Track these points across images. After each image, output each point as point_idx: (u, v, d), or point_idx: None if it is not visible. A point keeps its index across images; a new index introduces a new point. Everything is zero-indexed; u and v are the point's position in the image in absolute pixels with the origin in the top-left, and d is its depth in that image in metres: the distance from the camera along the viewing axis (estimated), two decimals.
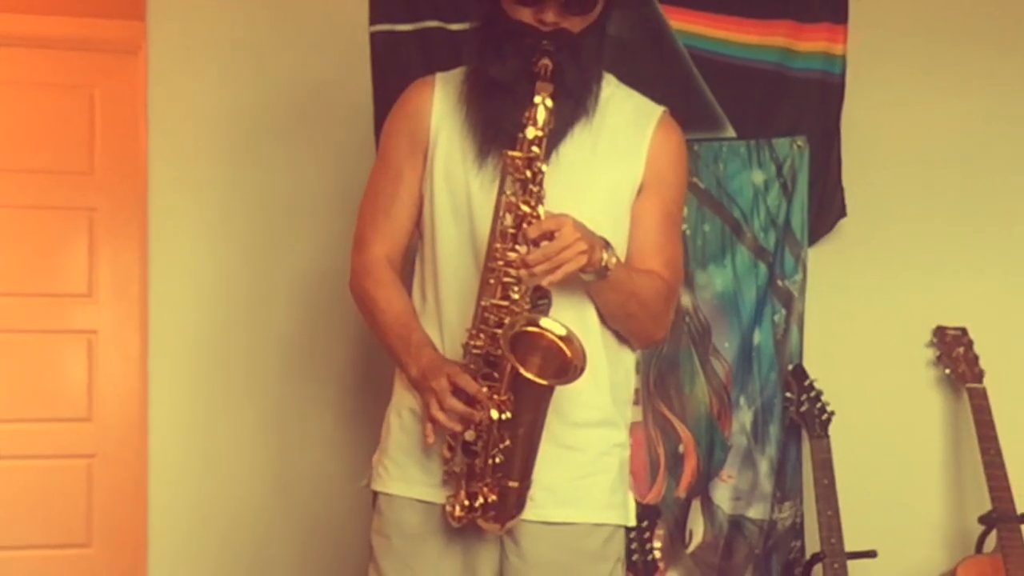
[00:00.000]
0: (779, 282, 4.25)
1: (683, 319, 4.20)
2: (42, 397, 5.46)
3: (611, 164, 2.97)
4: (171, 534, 3.90)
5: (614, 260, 2.81)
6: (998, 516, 4.18)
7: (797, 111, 4.34)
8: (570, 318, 2.82)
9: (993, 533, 4.21)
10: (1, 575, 5.33)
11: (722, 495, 4.19)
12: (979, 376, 4.34)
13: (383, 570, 2.99)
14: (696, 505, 4.18)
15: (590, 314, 2.93)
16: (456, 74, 3.03)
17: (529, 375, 2.70)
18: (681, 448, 4.18)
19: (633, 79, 4.12)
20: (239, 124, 3.93)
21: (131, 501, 5.04)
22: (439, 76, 3.07)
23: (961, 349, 4.39)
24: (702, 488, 4.18)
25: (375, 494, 3.04)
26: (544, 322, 2.77)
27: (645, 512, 3.90)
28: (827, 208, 4.37)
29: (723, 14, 4.29)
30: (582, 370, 2.72)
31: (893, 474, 4.41)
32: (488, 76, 2.90)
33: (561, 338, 2.76)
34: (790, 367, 4.23)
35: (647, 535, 3.87)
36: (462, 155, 2.95)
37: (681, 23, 4.26)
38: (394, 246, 3.06)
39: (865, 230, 4.39)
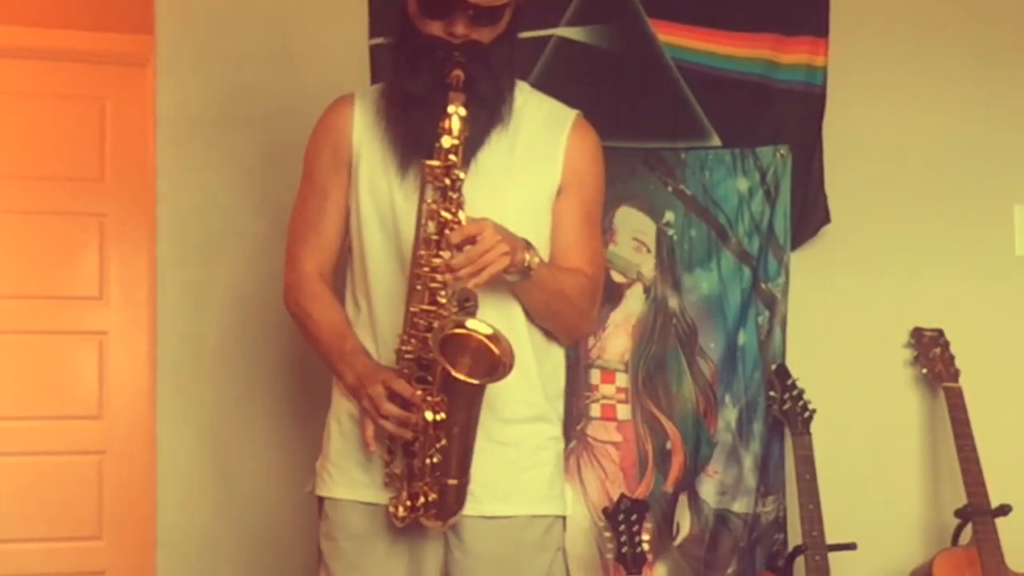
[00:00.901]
0: (763, 285, 4.27)
1: (671, 321, 4.21)
2: (54, 396, 5.51)
3: (529, 168, 2.98)
4: (179, 527, 3.91)
5: (536, 260, 2.84)
6: (973, 510, 4.18)
7: (780, 121, 4.33)
8: (496, 318, 2.83)
9: (968, 526, 4.20)
10: (16, 566, 5.37)
11: (708, 490, 4.19)
12: (955, 375, 4.35)
13: (333, 573, 2.99)
14: (683, 499, 4.18)
15: (516, 314, 2.95)
16: (374, 90, 3.06)
17: (460, 375, 2.72)
18: (669, 445, 4.19)
19: (623, 90, 4.20)
20: (244, 134, 3.94)
21: (140, 495, 5.08)
22: (358, 93, 3.09)
23: (938, 349, 4.40)
24: (689, 483, 4.19)
25: (320, 500, 3.04)
26: (471, 323, 2.79)
27: (634, 506, 3.90)
28: (810, 214, 4.36)
29: (709, 27, 4.29)
30: (511, 367, 2.75)
31: (872, 469, 4.39)
32: (404, 90, 2.91)
33: (488, 337, 2.78)
34: (773, 367, 4.23)
35: (636, 528, 3.87)
36: (384, 168, 2.96)
37: (669, 36, 4.27)
38: (325, 260, 3.07)
39: (845, 235, 4.38)
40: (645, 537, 3.87)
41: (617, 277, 4.18)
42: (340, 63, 3.99)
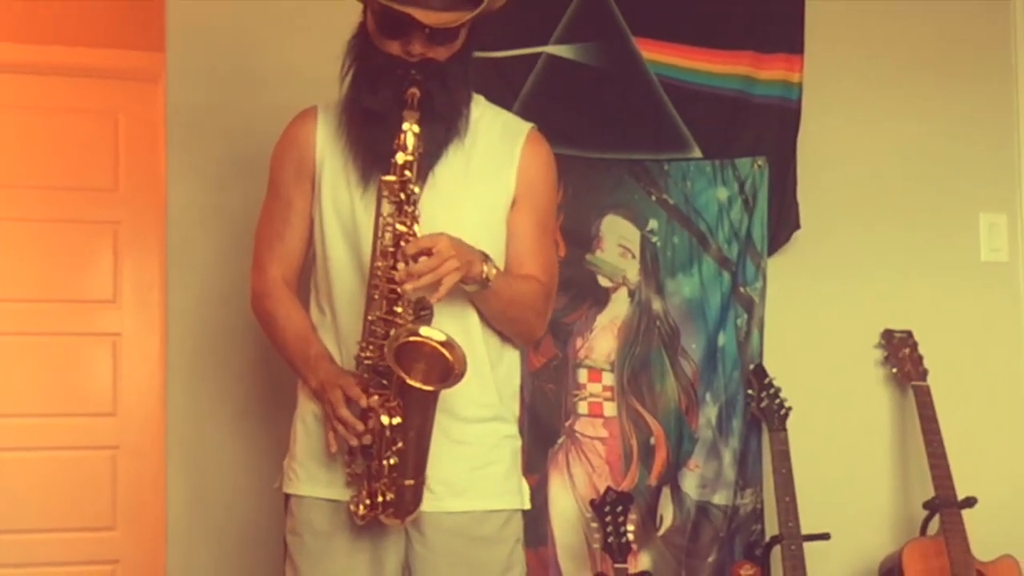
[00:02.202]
0: (741, 289, 4.27)
1: (654, 323, 4.22)
2: (71, 394, 5.52)
3: (484, 180, 2.97)
4: (187, 518, 3.91)
5: (494, 271, 2.84)
6: (941, 502, 4.19)
7: (757, 134, 4.34)
8: (452, 325, 2.83)
9: (936, 518, 4.22)
10: (35, 555, 5.39)
11: (689, 483, 4.19)
12: (923, 375, 4.36)
13: (299, 567, 2.97)
14: (666, 492, 4.18)
15: (471, 320, 2.94)
16: (336, 103, 3.04)
17: (414, 383, 2.71)
18: (652, 440, 4.19)
19: (609, 105, 4.21)
20: (248, 146, 3.93)
21: (151, 488, 5.08)
22: (320, 106, 3.08)
23: (907, 350, 4.40)
24: (671, 476, 4.18)
25: (286, 496, 3.04)
26: (424, 331, 2.77)
27: (619, 499, 3.89)
28: (784, 221, 4.37)
29: (691, 45, 4.30)
30: (463, 374, 2.74)
31: (845, 464, 4.41)
32: (363, 106, 2.89)
33: (442, 344, 2.76)
34: (751, 366, 4.23)
35: (621, 519, 3.87)
36: (346, 180, 2.95)
37: (653, 54, 4.27)
38: (289, 267, 3.07)
39: (819, 241, 4.40)
40: (630, 528, 3.87)
41: (603, 281, 4.18)
42: (339, 79, 4.00)
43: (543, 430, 4.07)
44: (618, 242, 4.21)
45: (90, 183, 5.54)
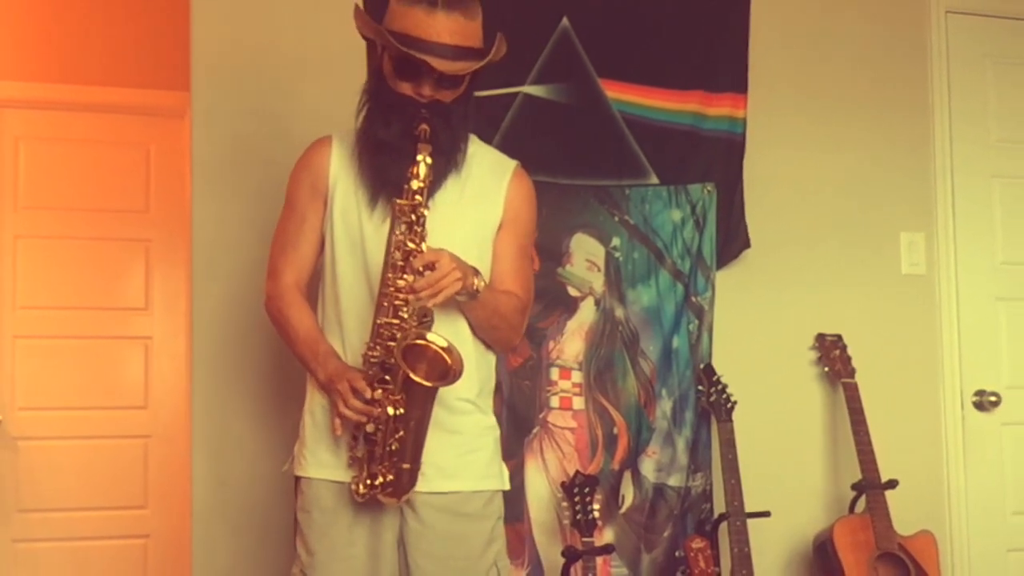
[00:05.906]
0: (693, 298, 4.27)
1: (617, 328, 4.22)
2: (108, 389, 5.52)
3: (475, 206, 3.02)
4: (210, 498, 3.90)
5: (482, 284, 2.90)
6: (867, 484, 4.21)
7: (707, 163, 4.34)
8: (448, 330, 2.89)
9: (863, 498, 4.23)
10: (76, 531, 5.39)
11: (648, 467, 4.19)
12: (851, 373, 4.37)
13: (307, 540, 3.00)
14: (627, 475, 4.17)
15: (463, 327, 2.98)
16: (349, 133, 3.06)
17: (418, 379, 2.76)
18: (615, 430, 4.19)
19: (577, 137, 4.21)
20: (262, 174, 3.94)
21: (178, 472, 5.09)
22: (335, 135, 3.10)
23: (837, 352, 4.42)
24: (632, 462, 4.19)
25: (296, 478, 3.06)
26: (430, 336, 2.82)
27: (587, 481, 3.90)
28: (732, 240, 4.37)
29: (648, 85, 4.30)
30: (460, 374, 2.80)
31: (783, 450, 4.40)
32: (376, 137, 2.93)
33: (443, 349, 2.82)
34: (702, 366, 4.24)
35: (588, 499, 3.87)
36: (356, 201, 2.98)
37: (615, 93, 4.27)
38: (300, 274, 3.08)
39: (761, 256, 4.40)
40: (596, 507, 3.87)
41: (572, 292, 4.18)
42: (342, 117, 3.99)
43: (520, 421, 4.07)
44: (585, 257, 4.21)
45: (125, 206, 5.55)
